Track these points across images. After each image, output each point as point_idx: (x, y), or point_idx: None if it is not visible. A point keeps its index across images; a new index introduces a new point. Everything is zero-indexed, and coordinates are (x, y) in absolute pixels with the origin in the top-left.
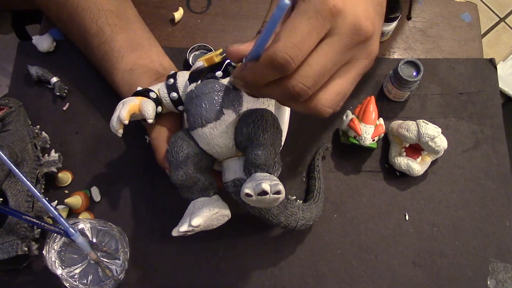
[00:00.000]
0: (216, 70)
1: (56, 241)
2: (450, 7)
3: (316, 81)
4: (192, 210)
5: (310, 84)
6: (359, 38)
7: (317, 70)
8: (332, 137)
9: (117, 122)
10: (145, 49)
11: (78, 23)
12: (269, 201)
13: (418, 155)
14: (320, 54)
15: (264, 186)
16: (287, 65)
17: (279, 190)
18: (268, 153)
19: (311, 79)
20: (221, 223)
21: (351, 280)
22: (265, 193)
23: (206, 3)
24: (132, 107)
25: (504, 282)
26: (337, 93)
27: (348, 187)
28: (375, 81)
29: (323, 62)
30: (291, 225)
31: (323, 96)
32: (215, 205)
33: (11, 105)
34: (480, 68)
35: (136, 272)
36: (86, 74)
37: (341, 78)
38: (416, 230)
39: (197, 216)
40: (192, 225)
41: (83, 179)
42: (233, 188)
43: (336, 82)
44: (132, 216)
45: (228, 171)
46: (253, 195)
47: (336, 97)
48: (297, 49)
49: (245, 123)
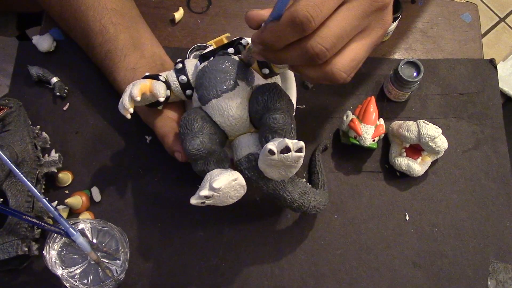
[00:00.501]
0: (227, 49)
1: (57, 241)
2: (450, 8)
3: (335, 44)
4: (210, 177)
5: (329, 46)
6: (378, 4)
7: (336, 33)
8: (333, 138)
9: (129, 100)
10: (148, 48)
11: (81, 21)
12: (291, 160)
13: (419, 156)
14: (340, 17)
15: (287, 141)
16: (308, 24)
17: (301, 147)
18: (285, 116)
19: (330, 40)
20: (237, 197)
21: (351, 280)
22: (288, 150)
23: (206, 3)
24: (144, 86)
25: (504, 282)
26: (352, 59)
27: (348, 187)
28: (376, 82)
29: (342, 25)
30: (304, 205)
31: (340, 60)
32: (233, 172)
33: (11, 105)
34: (480, 69)
35: (136, 272)
36: (87, 74)
37: (357, 44)
38: (416, 230)
39: (218, 179)
40: (214, 187)
41: (84, 179)
42: (247, 163)
43: (352, 48)
44: (132, 216)
45: (241, 147)
46: (276, 153)
47: (351, 62)
48: (318, 8)
49: (260, 92)
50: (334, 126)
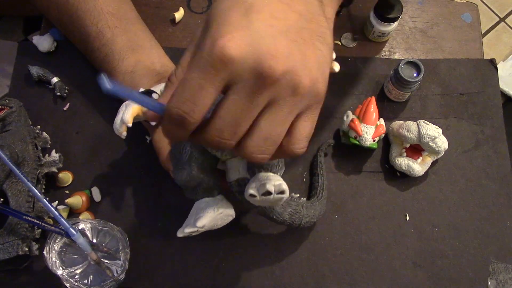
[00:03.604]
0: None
1: (57, 241)
2: (450, 8)
3: (233, 131)
4: (197, 210)
5: (227, 136)
6: (266, 81)
7: (229, 121)
8: (333, 138)
9: (121, 125)
10: (146, 50)
11: (78, 25)
12: (273, 201)
13: (419, 156)
14: (228, 104)
15: (268, 186)
16: (184, 121)
17: (283, 190)
18: None
19: (226, 130)
20: (226, 223)
21: (351, 281)
22: (269, 193)
23: (207, 3)
24: (135, 109)
25: (504, 282)
26: (263, 138)
27: (348, 187)
28: (376, 82)
29: (233, 111)
30: (295, 223)
31: (249, 143)
32: (219, 205)
33: (12, 105)
34: (480, 69)
35: (137, 272)
36: (87, 74)
37: (266, 122)
38: (416, 230)
39: (201, 217)
40: (197, 226)
41: (84, 179)
42: (237, 187)
43: (261, 127)
44: (132, 216)
45: (232, 170)
46: (257, 196)
47: (264, 142)
48: (190, 103)
49: None
50: (334, 126)
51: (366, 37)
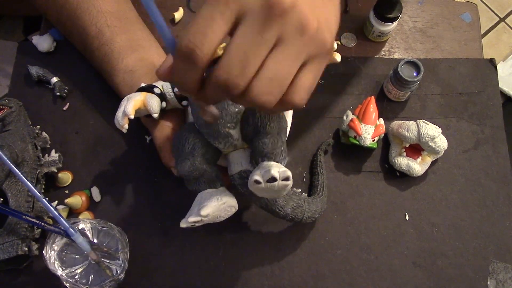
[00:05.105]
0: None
1: (57, 241)
2: (450, 7)
3: (242, 67)
4: (200, 200)
5: (236, 72)
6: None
7: (238, 56)
8: (333, 137)
9: (123, 117)
10: (146, 50)
11: (77, 25)
12: (277, 189)
13: (418, 155)
14: (238, 38)
15: (273, 172)
16: (192, 53)
17: (288, 177)
18: (275, 141)
19: (235, 66)
20: (229, 215)
21: (351, 280)
22: (274, 180)
23: None
24: (137, 102)
25: (504, 282)
26: (270, 78)
27: (348, 187)
28: (375, 81)
29: (242, 46)
30: (297, 217)
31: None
32: (222, 195)
33: (12, 105)
34: (480, 68)
35: (136, 272)
36: (87, 74)
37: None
38: (416, 230)
39: (205, 206)
40: (201, 214)
41: (84, 179)
42: (239, 180)
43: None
44: (132, 216)
45: (234, 163)
46: (262, 182)
47: (270, 82)
48: (200, 35)
49: (251, 114)
50: (334, 126)
51: (366, 36)
